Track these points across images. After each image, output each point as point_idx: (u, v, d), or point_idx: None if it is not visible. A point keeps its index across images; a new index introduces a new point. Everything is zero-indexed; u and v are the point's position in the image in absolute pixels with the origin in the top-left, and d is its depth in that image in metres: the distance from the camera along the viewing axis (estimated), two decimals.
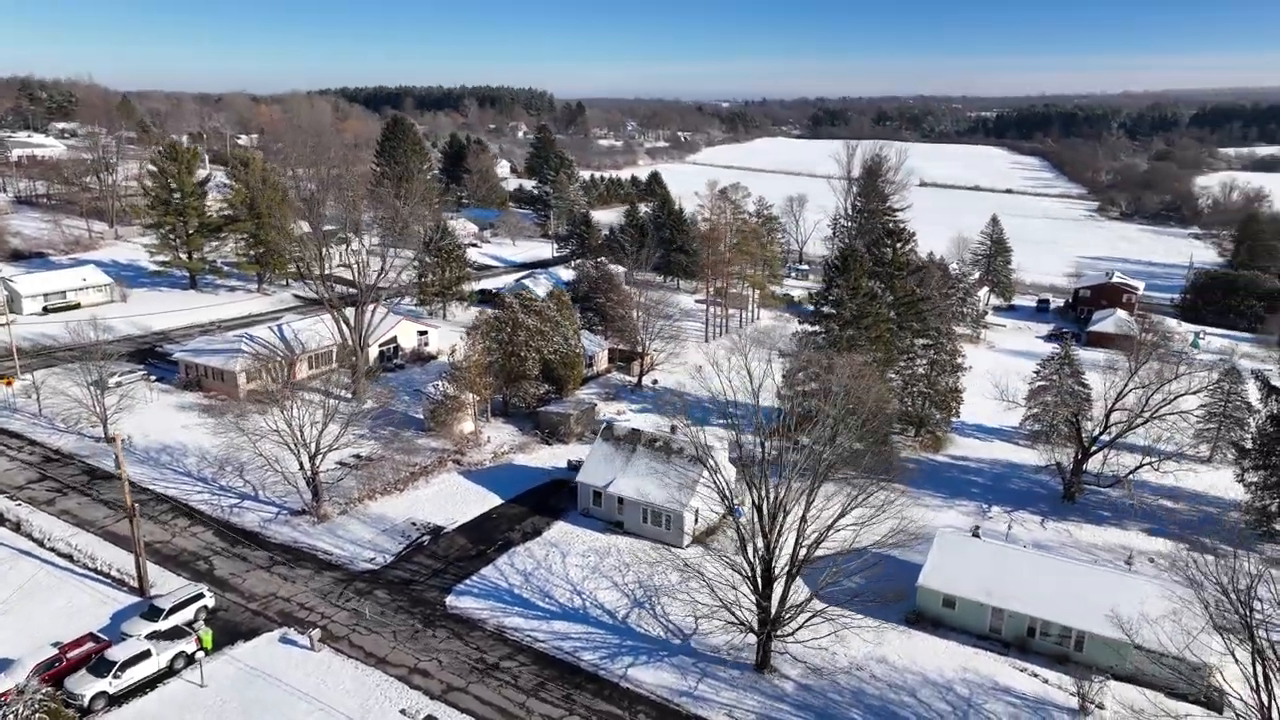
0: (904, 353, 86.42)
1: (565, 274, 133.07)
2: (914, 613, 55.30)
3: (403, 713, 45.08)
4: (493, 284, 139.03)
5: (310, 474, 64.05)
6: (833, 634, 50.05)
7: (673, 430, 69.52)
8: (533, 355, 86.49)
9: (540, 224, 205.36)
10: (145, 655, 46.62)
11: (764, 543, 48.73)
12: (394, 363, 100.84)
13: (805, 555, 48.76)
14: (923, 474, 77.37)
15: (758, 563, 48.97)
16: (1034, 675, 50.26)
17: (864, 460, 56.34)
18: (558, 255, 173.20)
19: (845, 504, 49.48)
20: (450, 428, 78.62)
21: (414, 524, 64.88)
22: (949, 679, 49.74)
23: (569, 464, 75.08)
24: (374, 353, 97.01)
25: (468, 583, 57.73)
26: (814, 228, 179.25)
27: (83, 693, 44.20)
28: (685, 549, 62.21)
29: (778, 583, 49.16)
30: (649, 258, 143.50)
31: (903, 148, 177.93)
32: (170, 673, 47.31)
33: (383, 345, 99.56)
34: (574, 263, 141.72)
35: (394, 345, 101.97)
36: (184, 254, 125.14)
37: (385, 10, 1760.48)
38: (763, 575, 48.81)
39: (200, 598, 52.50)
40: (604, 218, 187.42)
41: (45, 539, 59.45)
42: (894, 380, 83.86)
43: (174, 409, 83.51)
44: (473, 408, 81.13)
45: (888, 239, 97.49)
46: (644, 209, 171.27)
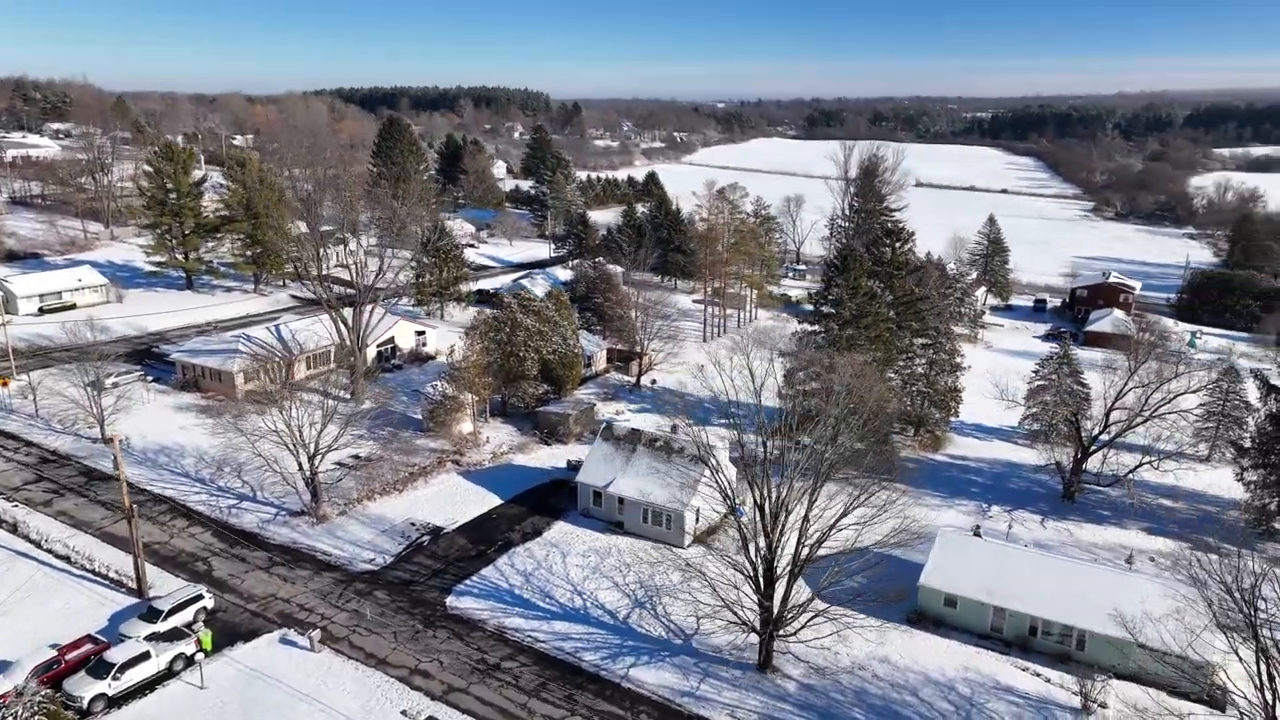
0: (903, 352, 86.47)
1: (562, 274, 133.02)
2: (916, 612, 55.30)
3: (404, 714, 44.92)
4: (490, 284, 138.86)
5: (309, 474, 63.84)
6: (835, 634, 50.03)
7: (673, 430, 69.41)
8: (531, 355, 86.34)
9: (537, 224, 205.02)
10: (144, 657, 46.40)
11: (766, 542, 48.66)
12: (392, 363, 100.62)
13: (807, 555, 48.71)
14: (922, 473, 77.30)
15: (760, 562, 48.90)
16: (1036, 674, 50.25)
17: (865, 460, 56.28)
18: (555, 255, 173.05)
19: (847, 504, 49.46)
20: (449, 428, 78.41)
21: (413, 524, 64.67)
22: (951, 678, 49.72)
23: (568, 464, 74.93)
24: (372, 353, 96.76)
25: (468, 583, 57.55)
26: (811, 228, 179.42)
27: (82, 695, 43.97)
28: (686, 549, 62.08)
29: (780, 582, 49.11)
30: (647, 258, 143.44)
31: (899, 148, 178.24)
32: (170, 674, 47.09)
33: (381, 346, 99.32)
34: (571, 263, 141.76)
35: (392, 346, 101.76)
36: (180, 254, 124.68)
37: (381, 10, 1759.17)
38: (765, 575, 48.75)
39: (199, 599, 52.25)
40: (601, 218, 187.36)
41: (43, 540, 59.13)
42: (893, 380, 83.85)
43: (171, 410, 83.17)
44: (471, 408, 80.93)
45: (886, 238, 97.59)
46: (641, 209, 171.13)
